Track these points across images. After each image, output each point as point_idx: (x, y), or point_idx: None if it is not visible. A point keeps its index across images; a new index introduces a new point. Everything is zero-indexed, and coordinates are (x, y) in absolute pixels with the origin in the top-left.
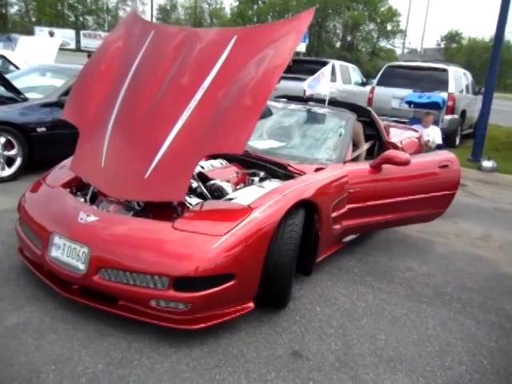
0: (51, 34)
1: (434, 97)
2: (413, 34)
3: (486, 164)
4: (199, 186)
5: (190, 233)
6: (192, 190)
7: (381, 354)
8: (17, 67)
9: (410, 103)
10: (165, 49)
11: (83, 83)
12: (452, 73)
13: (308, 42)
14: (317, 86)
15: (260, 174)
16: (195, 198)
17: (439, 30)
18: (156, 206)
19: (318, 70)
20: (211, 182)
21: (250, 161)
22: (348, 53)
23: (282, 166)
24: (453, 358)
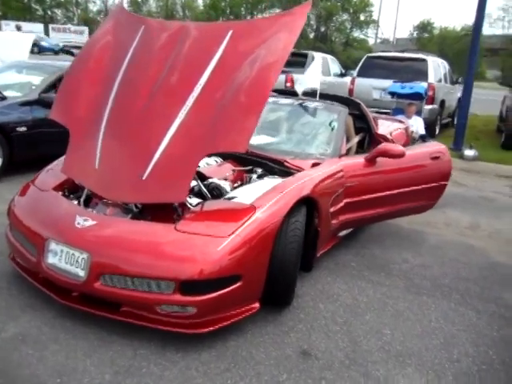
0: (18, 28)
1: (416, 87)
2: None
3: (468, 153)
4: (199, 185)
5: (193, 235)
6: (190, 189)
7: (388, 349)
8: None
9: (393, 94)
10: (156, 44)
11: (71, 81)
12: (431, 63)
13: None
14: (307, 81)
15: (257, 170)
16: (194, 197)
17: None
18: (154, 208)
19: (297, 62)
20: (209, 180)
21: (245, 157)
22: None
23: (279, 162)
24: (459, 350)
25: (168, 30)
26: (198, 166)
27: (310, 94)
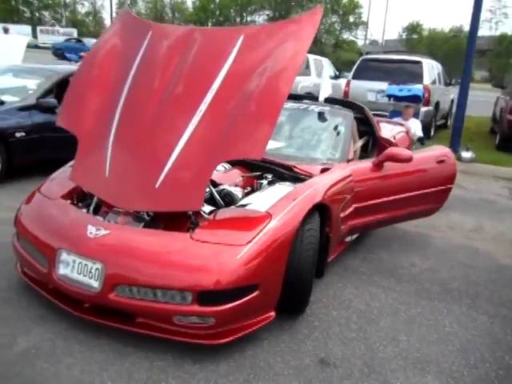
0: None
1: (414, 90)
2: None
3: (465, 155)
4: (211, 192)
5: (210, 244)
6: None
7: (406, 356)
8: None
9: (391, 96)
10: (165, 50)
11: (78, 87)
12: (426, 65)
13: None
14: (327, 88)
15: (267, 177)
16: (207, 205)
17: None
18: (166, 216)
19: None
20: (220, 187)
21: (253, 163)
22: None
23: (288, 167)
24: (475, 356)
25: (176, 35)
26: None
27: (311, 98)
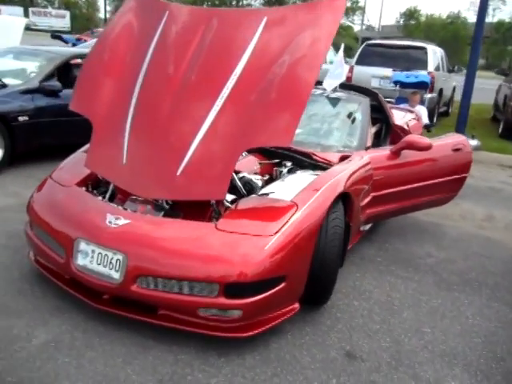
0: None
1: (421, 76)
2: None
3: (471, 143)
4: (234, 179)
5: (236, 234)
6: None
7: (432, 348)
8: None
9: (397, 83)
10: (183, 32)
11: (91, 71)
12: (430, 51)
13: None
14: (337, 77)
15: (287, 164)
16: (228, 193)
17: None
18: (186, 205)
19: None
20: (240, 174)
21: (270, 150)
22: None
23: (307, 154)
24: (502, 348)
25: (195, 16)
26: None
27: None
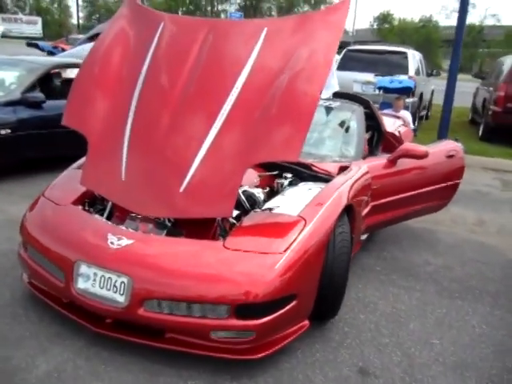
0: None
1: (405, 81)
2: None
3: None
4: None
5: (246, 252)
6: None
7: (443, 361)
8: None
9: (381, 88)
10: (181, 44)
11: (84, 85)
12: (411, 55)
13: None
14: (330, 85)
15: (287, 176)
16: None
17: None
18: (187, 222)
19: None
20: (241, 188)
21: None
22: None
23: (305, 165)
24: (511, 358)
25: (192, 27)
26: None
27: None
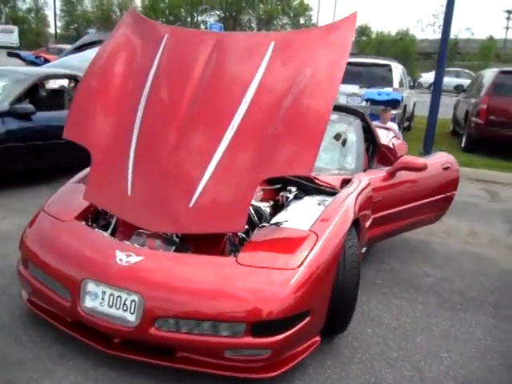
0: None
1: (392, 94)
2: None
3: None
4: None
5: (260, 268)
6: None
7: (454, 375)
8: None
9: (369, 100)
10: (187, 58)
11: (87, 96)
12: (394, 68)
13: None
14: None
15: (291, 190)
16: None
17: None
18: (195, 238)
19: None
20: None
21: None
22: None
23: (309, 179)
24: None
25: (197, 41)
26: None
27: None
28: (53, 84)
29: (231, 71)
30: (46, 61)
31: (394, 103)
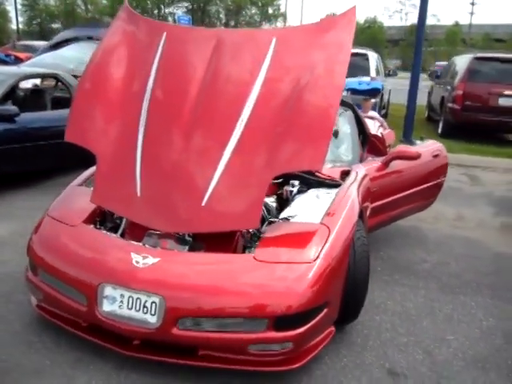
0: None
1: (373, 83)
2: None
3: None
4: None
5: (278, 263)
6: None
7: (463, 356)
8: None
9: (350, 90)
10: (188, 57)
11: (88, 97)
12: (371, 57)
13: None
14: None
15: (294, 183)
16: None
17: (318, 13)
18: (207, 236)
19: None
20: None
21: None
22: None
23: (309, 171)
24: None
25: (196, 38)
26: None
27: None
28: (25, 84)
29: (234, 69)
30: (17, 59)
31: (374, 92)
